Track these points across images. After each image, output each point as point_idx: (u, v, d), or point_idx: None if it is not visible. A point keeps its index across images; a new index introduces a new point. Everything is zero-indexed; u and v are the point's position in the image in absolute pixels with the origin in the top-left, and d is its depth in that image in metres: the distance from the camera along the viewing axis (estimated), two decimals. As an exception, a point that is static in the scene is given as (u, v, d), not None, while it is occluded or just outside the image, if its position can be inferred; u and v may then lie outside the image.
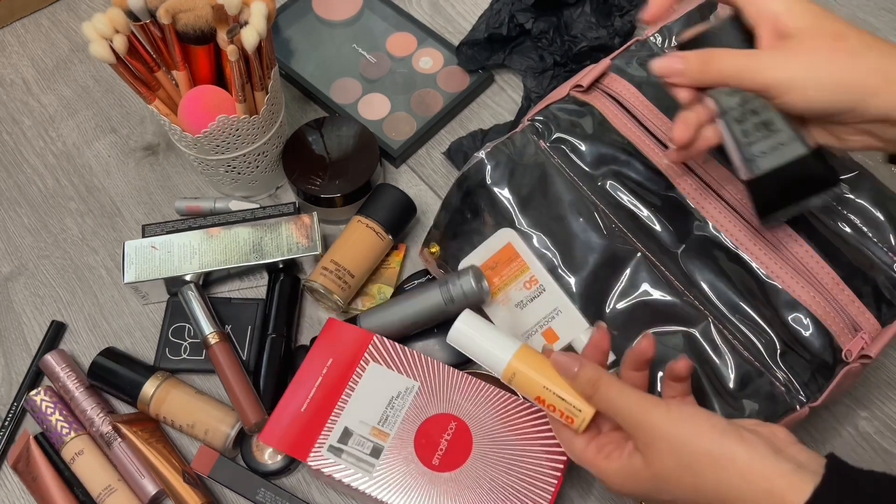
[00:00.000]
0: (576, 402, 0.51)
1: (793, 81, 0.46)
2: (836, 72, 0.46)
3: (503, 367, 0.53)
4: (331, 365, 0.64)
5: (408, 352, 0.64)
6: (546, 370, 0.52)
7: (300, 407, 0.63)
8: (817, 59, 0.46)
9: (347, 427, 0.62)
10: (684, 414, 0.47)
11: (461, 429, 0.61)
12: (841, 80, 0.46)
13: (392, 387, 0.63)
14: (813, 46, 0.47)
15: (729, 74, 0.48)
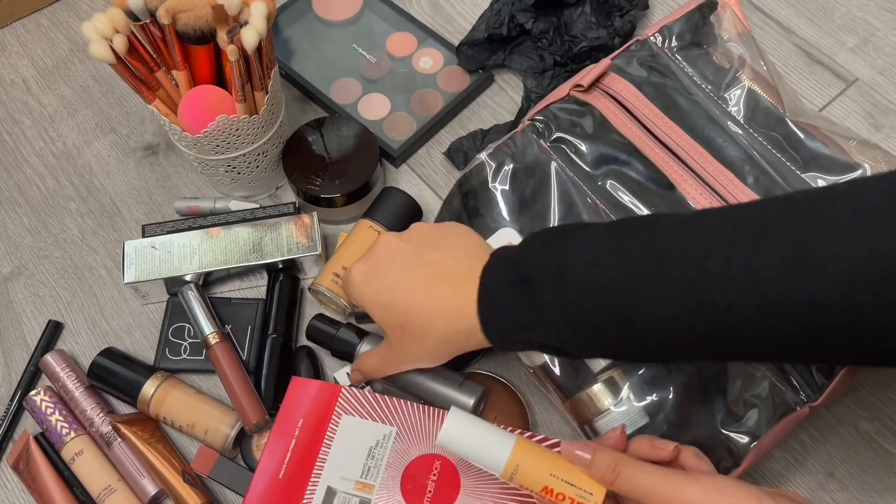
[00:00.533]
0: (586, 485, 0.49)
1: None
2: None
3: (503, 465, 0.50)
4: (302, 425, 0.62)
5: (379, 398, 0.62)
6: (547, 459, 0.50)
7: (277, 474, 0.60)
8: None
9: (330, 486, 0.59)
10: (719, 486, 0.46)
11: (446, 467, 0.59)
12: None
13: (369, 436, 0.61)
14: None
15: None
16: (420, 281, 0.55)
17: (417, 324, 0.55)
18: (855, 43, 0.84)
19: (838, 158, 0.60)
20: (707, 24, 0.66)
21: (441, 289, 0.54)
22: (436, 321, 0.54)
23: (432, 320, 0.54)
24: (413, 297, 0.55)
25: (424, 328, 0.55)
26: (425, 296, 0.54)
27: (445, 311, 0.53)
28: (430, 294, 0.54)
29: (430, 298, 0.54)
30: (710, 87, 0.64)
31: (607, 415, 0.60)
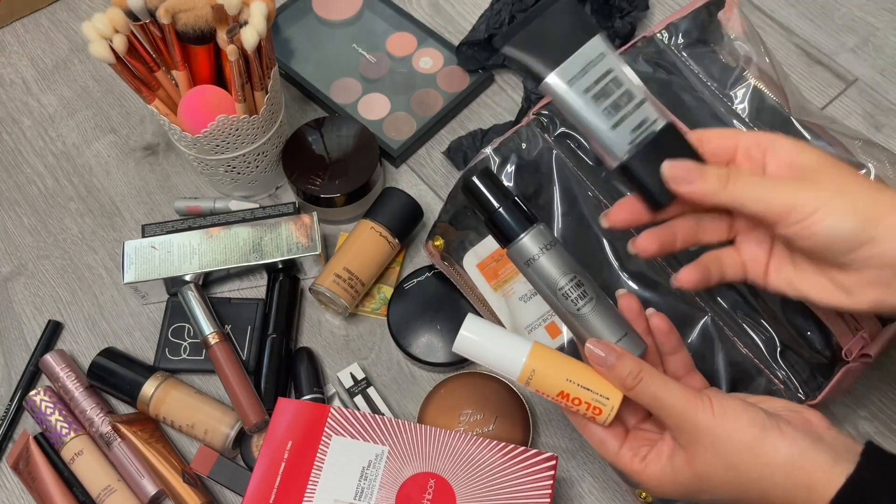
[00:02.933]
0: (602, 390, 0.49)
1: (817, 204, 0.43)
2: (861, 199, 0.43)
3: (519, 369, 0.50)
4: (291, 448, 0.61)
5: (369, 416, 0.61)
6: (564, 364, 0.51)
7: (268, 499, 0.59)
8: (844, 183, 0.44)
9: None
10: (727, 409, 0.46)
11: (441, 485, 0.59)
12: (866, 208, 0.43)
13: (361, 457, 0.60)
14: (836, 174, 0.44)
15: (749, 195, 0.45)
16: None
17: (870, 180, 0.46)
18: (855, 43, 0.84)
19: (843, 158, 0.60)
20: (714, 22, 0.66)
21: None
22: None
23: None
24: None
25: (883, 184, 0.46)
26: None
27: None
28: None
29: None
30: (716, 85, 0.64)
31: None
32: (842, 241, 0.43)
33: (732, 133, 0.49)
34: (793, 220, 0.44)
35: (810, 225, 0.43)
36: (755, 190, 0.45)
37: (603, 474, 0.67)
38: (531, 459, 0.59)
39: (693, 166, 0.46)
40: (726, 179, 0.45)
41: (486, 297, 0.67)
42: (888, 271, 0.43)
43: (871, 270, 0.44)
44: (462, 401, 0.67)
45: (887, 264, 0.43)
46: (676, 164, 0.47)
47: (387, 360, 0.73)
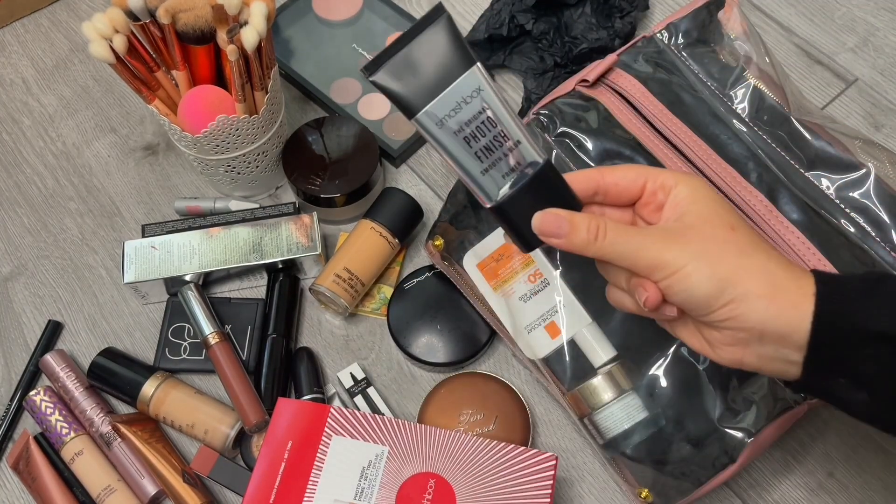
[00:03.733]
0: None
1: (679, 265, 0.44)
2: (721, 263, 0.44)
3: None
4: (291, 448, 0.61)
5: (369, 416, 0.62)
6: None
7: (268, 499, 0.59)
8: (708, 247, 0.45)
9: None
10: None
11: (441, 485, 0.59)
12: (724, 273, 0.44)
13: (361, 457, 0.60)
14: (706, 234, 0.45)
15: (618, 252, 0.46)
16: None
17: (748, 235, 0.46)
18: (855, 43, 0.84)
19: (843, 158, 0.60)
20: (714, 21, 0.66)
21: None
22: (769, 259, 0.46)
23: (767, 255, 0.46)
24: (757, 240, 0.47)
25: (752, 243, 0.46)
26: (768, 253, 0.46)
27: (782, 268, 0.46)
28: (772, 258, 0.46)
29: (770, 259, 0.46)
30: (716, 85, 0.64)
31: (607, 408, 0.60)
32: (698, 303, 0.45)
33: (642, 172, 0.48)
34: (657, 277, 0.45)
35: (671, 284, 0.45)
36: (623, 246, 0.46)
37: (603, 474, 0.67)
38: (531, 459, 0.59)
39: (564, 219, 0.46)
40: (595, 234, 0.46)
41: (485, 296, 0.67)
42: (744, 334, 0.45)
43: (729, 331, 0.45)
44: (462, 401, 0.67)
45: (743, 328, 0.44)
46: (547, 217, 0.47)
47: (387, 360, 0.73)
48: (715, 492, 0.66)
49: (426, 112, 0.44)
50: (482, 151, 0.45)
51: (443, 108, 0.44)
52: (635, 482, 0.61)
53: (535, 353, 0.64)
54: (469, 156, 0.45)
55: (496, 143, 0.45)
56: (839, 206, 0.59)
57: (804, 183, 0.60)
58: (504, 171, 0.46)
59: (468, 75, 0.44)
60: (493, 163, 0.46)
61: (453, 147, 0.45)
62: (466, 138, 0.45)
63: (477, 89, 0.44)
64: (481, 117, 0.45)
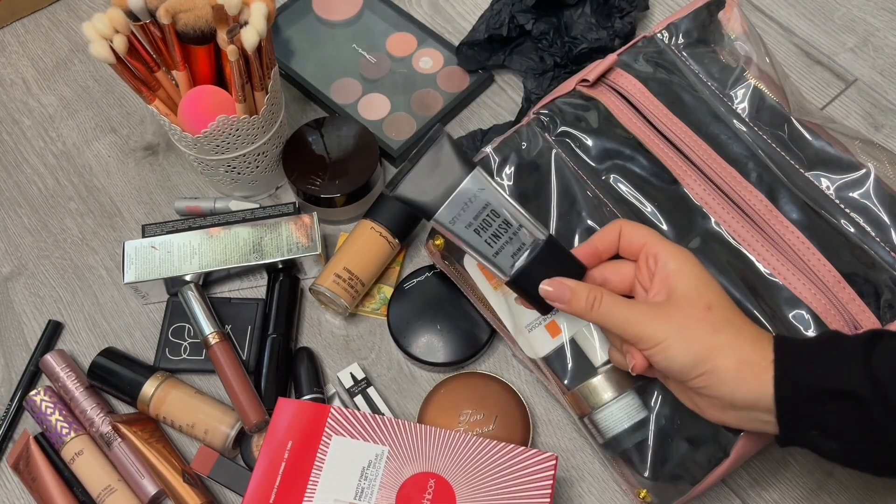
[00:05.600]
0: None
1: (660, 338, 0.50)
2: (696, 340, 0.50)
3: None
4: (291, 448, 0.61)
5: (369, 416, 0.62)
6: None
7: (268, 499, 0.59)
8: (687, 324, 0.50)
9: None
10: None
11: (441, 485, 0.59)
12: (698, 349, 0.50)
13: (361, 457, 0.60)
14: (685, 313, 0.51)
15: (610, 321, 0.52)
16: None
17: (722, 313, 0.52)
18: (855, 43, 0.84)
19: (843, 158, 0.60)
20: (714, 22, 0.66)
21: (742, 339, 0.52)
22: (740, 333, 0.51)
23: (738, 327, 0.51)
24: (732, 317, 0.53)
25: (724, 321, 0.51)
26: (738, 329, 0.52)
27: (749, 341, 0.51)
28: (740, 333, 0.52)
29: (739, 336, 0.51)
30: (716, 85, 0.64)
31: (606, 408, 0.60)
32: (676, 372, 0.51)
33: (644, 234, 0.54)
34: (641, 347, 0.52)
35: (653, 354, 0.51)
36: (615, 317, 0.52)
37: (603, 474, 0.67)
38: (531, 459, 0.59)
39: (567, 287, 0.54)
40: (591, 304, 0.53)
41: (486, 296, 0.67)
42: (718, 401, 0.51)
43: (707, 398, 0.51)
44: (462, 401, 0.67)
45: (716, 396, 0.50)
46: (553, 284, 0.54)
47: (387, 360, 0.73)
48: (714, 491, 0.66)
49: (440, 214, 0.53)
50: (491, 238, 0.54)
51: (453, 209, 0.53)
52: (635, 482, 0.61)
53: (536, 352, 0.64)
54: (481, 243, 0.54)
55: (501, 230, 0.54)
56: (839, 207, 0.59)
57: (804, 183, 0.60)
58: (513, 251, 0.54)
59: (470, 179, 0.53)
60: (501, 246, 0.54)
61: (467, 237, 0.54)
62: (476, 230, 0.54)
63: (480, 189, 0.53)
64: (485, 211, 0.54)
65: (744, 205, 0.59)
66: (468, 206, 0.53)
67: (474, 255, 0.55)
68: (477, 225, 0.54)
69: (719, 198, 0.60)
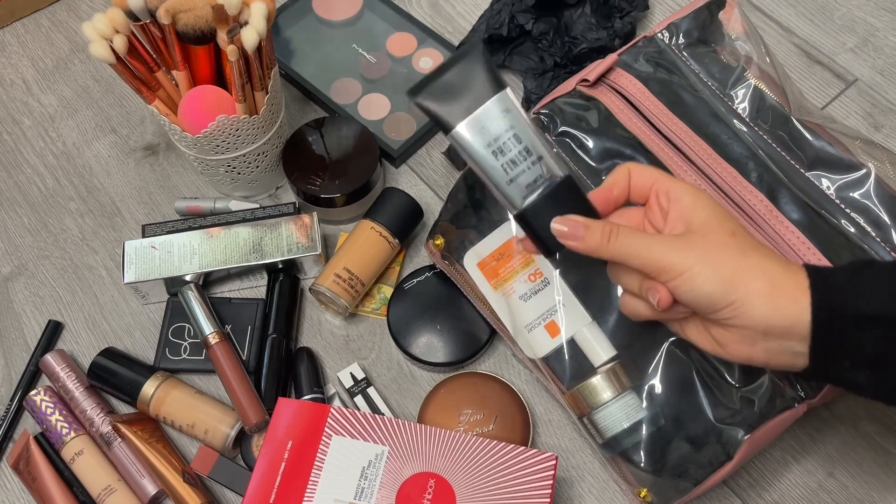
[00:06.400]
0: None
1: (685, 266, 0.47)
2: (724, 265, 0.47)
3: None
4: (291, 447, 0.61)
5: (369, 416, 0.62)
6: None
7: (268, 499, 0.59)
8: (711, 250, 0.48)
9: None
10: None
11: (441, 485, 0.59)
12: (727, 274, 0.47)
13: (361, 457, 0.60)
14: (709, 239, 0.49)
15: (629, 253, 0.49)
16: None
17: (747, 239, 0.49)
18: (855, 43, 0.84)
19: (843, 158, 0.60)
20: (715, 21, 0.66)
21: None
22: (766, 258, 0.49)
23: (760, 250, 0.49)
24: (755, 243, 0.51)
25: (751, 246, 0.49)
26: (766, 254, 0.49)
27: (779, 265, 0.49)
28: (770, 258, 0.49)
29: (769, 259, 0.49)
30: (716, 85, 0.64)
31: (606, 407, 0.60)
32: (704, 302, 0.48)
33: (653, 174, 0.52)
34: (665, 278, 0.49)
35: (678, 284, 0.48)
36: (633, 249, 0.49)
37: (603, 474, 0.67)
38: (531, 459, 0.59)
39: (580, 223, 0.51)
40: (608, 237, 0.50)
41: (486, 296, 0.67)
42: (750, 331, 0.48)
43: (737, 329, 0.48)
44: (462, 401, 0.67)
45: (748, 325, 0.47)
46: (565, 221, 0.51)
47: (387, 360, 0.73)
48: (714, 491, 0.66)
49: (460, 128, 0.50)
50: (508, 164, 0.50)
51: (474, 126, 0.50)
52: (634, 482, 0.61)
53: (535, 352, 0.64)
54: (497, 167, 0.50)
55: (521, 157, 0.50)
56: (839, 207, 0.59)
57: (804, 183, 0.60)
58: (528, 181, 0.51)
59: (498, 98, 0.50)
60: (517, 175, 0.51)
61: (483, 159, 0.50)
62: (494, 152, 0.50)
63: (505, 110, 0.50)
64: (508, 135, 0.50)
65: (744, 205, 0.59)
66: (490, 126, 0.50)
67: (487, 181, 0.51)
68: (496, 147, 0.50)
69: (720, 198, 0.60)
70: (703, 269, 0.47)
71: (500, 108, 0.50)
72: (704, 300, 0.48)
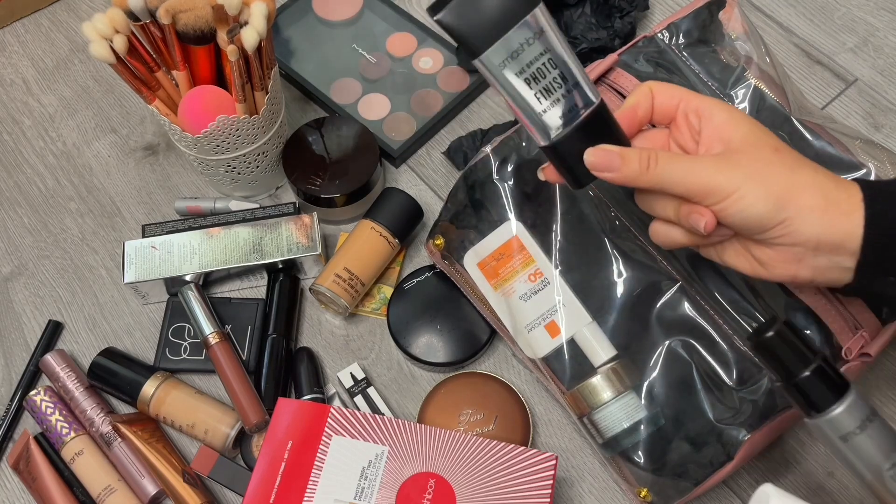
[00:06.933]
0: None
1: (733, 187, 0.45)
2: (774, 182, 0.46)
3: None
4: (291, 448, 0.61)
5: (369, 417, 0.62)
6: None
7: (268, 499, 0.59)
8: (758, 167, 0.46)
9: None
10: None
11: (441, 485, 0.59)
12: (778, 191, 0.45)
13: (361, 457, 0.60)
14: (754, 156, 0.46)
15: (670, 178, 0.47)
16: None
17: (792, 153, 0.47)
18: (855, 43, 0.84)
19: (843, 158, 0.60)
20: (715, 21, 0.66)
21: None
22: (816, 178, 0.47)
23: (814, 175, 0.47)
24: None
25: (798, 160, 0.47)
26: (815, 168, 0.47)
27: (831, 182, 0.47)
28: (820, 173, 0.47)
29: (818, 173, 0.47)
30: (717, 85, 0.64)
31: (606, 407, 0.60)
32: (754, 223, 0.46)
33: (677, 91, 0.50)
34: (710, 201, 0.46)
35: (726, 206, 0.46)
36: (675, 173, 0.47)
37: (603, 474, 0.67)
38: (531, 459, 0.59)
39: (615, 153, 0.48)
40: (647, 163, 0.47)
41: (486, 296, 0.67)
42: (799, 249, 0.46)
43: (784, 248, 0.46)
44: (462, 401, 0.67)
45: (798, 242, 0.46)
46: (599, 152, 0.48)
47: (387, 360, 0.73)
48: (714, 491, 0.66)
49: (490, 53, 0.45)
50: (542, 92, 0.46)
51: (505, 49, 0.45)
52: (634, 481, 0.61)
53: (535, 352, 0.64)
54: (530, 96, 0.46)
55: (555, 84, 0.46)
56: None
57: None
58: (561, 112, 0.47)
59: (531, 17, 0.44)
60: (552, 103, 0.46)
61: (514, 87, 0.46)
62: (527, 79, 0.46)
63: (539, 31, 0.45)
64: (542, 59, 0.45)
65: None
66: (523, 50, 0.45)
67: (517, 110, 0.47)
68: (528, 74, 0.45)
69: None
70: (753, 189, 0.45)
71: (535, 28, 0.45)
72: (755, 220, 0.46)
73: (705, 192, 0.46)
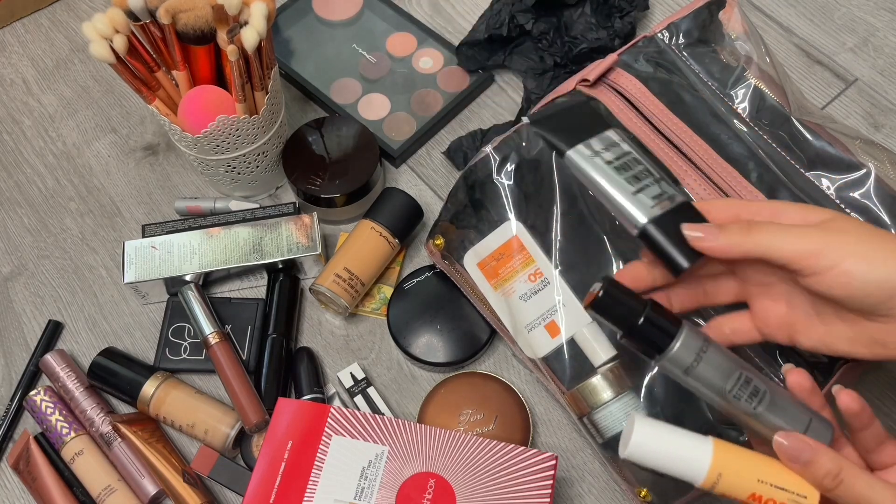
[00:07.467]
0: (798, 487, 0.45)
1: (847, 250, 0.42)
2: (881, 248, 0.42)
3: (704, 474, 0.45)
4: (291, 448, 0.61)
5: (369, 416, 0.61)
6: (751, 461, 0.46)
7: (268, 499, 0.59)
8: (863, 233, 0.43)
9: None
10: None
11: (441, 485, 0.59)
12: (889, 257, 0.42)
13: (361, 457, 0.60)
14: (853, 225, 0.44)
15: (776, 242, 0.44)
16: None
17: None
18: (855, 43, 0.84)
19: (843, 158, 0.60)
20: (715, 21, 0.66)
21: None
22: None
23: None
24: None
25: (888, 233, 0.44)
26: None
27: None
28: None
29: None
30: (717, 85, 0.64)
31: (605, 407, 0.60)
32: (877, 289, 0.42)
33: (732, 203, 0.50)
34: (823, 265, 0.43)
35: (820, 281, 0.43)
36: (779, 235, 0.44)
37: (603, 474, 0.67)
38: (531, 459, 0.59)
39: (712, 225, 0.47)
40: (748, 229, 0.45)
41: (486, 296, 0.67)
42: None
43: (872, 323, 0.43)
44: (462, 401, 0.67)
45: None
46: (696, 225, 0.48)
47: (387, 360, 0.73)
48: (715, 492, 0.66)
49: (582, 145, 0.52)
50: (631, 179, 0.51)
51: (594, 146, 0.52)
52: (634, 481, 0.61)
53: (535, 352, 0.64)
54: (619, 182, 0.51)
55: (642, 174, 0.51)
56: (839, 207, 0.59)
57: (804, 183, 0.60)
58: (652, 195, 0.50)
59: (611, 131, 0.54)
60: (641, 188, 0.51)
61: (605, 175, 0.51)
62: (616, 168, 0.51)
63: (620, 139, 0.53)
64: (627, 156, 0.52)
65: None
66: (608, 149, 0.52)
67: (609, 195, 0.50)
68: (617, 165, 0.51)
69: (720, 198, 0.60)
70: (868, 250, 0.42)
71: (615, 137, 0.53)
72: (877, 285, 0.42)
73: (814, 255, 0.43)
